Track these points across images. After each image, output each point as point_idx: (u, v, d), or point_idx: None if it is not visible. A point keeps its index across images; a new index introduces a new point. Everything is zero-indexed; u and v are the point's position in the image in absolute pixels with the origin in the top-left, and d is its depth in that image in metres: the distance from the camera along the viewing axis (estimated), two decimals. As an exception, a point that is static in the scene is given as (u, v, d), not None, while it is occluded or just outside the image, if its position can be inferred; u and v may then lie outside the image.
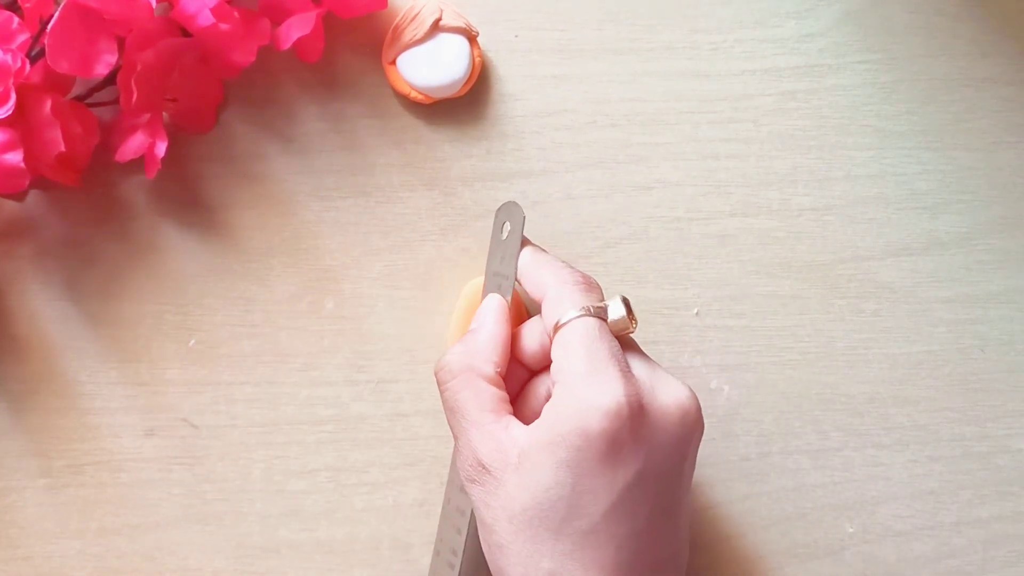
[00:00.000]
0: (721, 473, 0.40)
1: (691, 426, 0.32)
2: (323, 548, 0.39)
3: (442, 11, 0.40)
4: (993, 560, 0.40)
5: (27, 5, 0.36)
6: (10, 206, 0.40)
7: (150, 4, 0.36)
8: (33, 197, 0.40)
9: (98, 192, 0.40)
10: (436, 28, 0.40)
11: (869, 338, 0.41)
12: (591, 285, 0.34)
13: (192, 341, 0.40)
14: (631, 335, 0.34)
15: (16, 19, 0.36)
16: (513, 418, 0.32)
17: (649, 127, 0.42)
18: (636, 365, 0.33)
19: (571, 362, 0.32)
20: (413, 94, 0.40)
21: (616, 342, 0.32)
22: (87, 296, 0.40)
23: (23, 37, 0.36)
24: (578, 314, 0.32)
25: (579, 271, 0.35)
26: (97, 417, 0.39)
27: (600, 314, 0.33)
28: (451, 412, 0.33)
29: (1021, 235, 0.42)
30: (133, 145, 0.38)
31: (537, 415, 0.32)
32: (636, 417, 0.31)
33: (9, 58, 0.35)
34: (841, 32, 0.43)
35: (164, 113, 0.39)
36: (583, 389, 0.31)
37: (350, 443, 0.40)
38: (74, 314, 0.40)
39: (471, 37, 0.41)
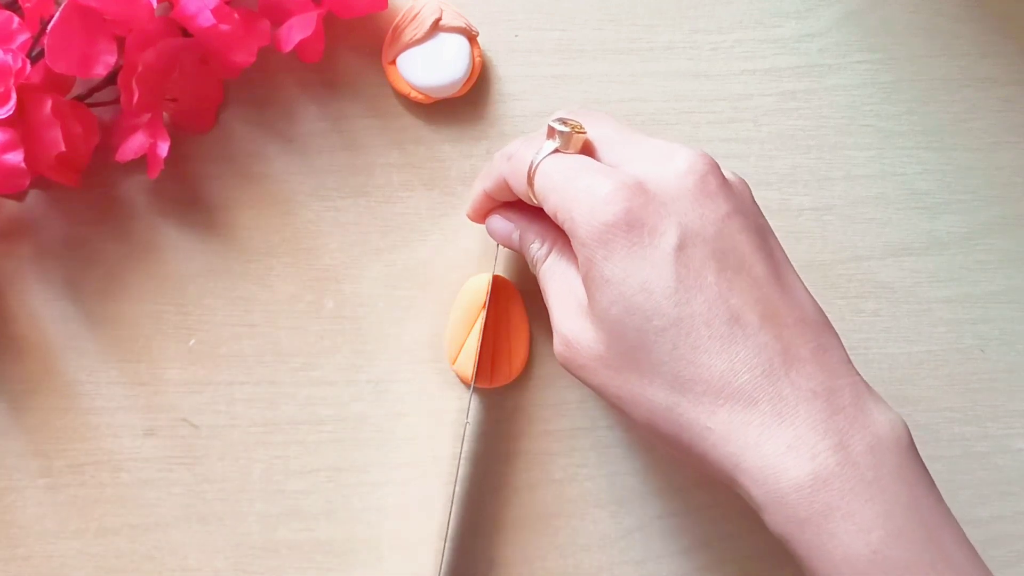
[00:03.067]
0: (721, 473, 0.40)
1: (704, 174, 0.30)
2: (323, 548, 0.39)
3: (442, 11, 0.40)
4: (993, 560, 0.40)
5: (27, 5, 0.36)
6: (10, 206, 0.40)
7: (150, 4, 0.36)
8: (33, 197, 0.40)
9: (98, 192, 0.40)
10: (436, 28, 0.40)
11: (869, 338, 0.41)
12: (524, 141, 0.34)
13: (192, 341, 0.40)
14: (588, 136, 0.33)
15: (16, 19, 0.36)
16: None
17: (649, 127, 0.42)
18: (623, 158, 0.32)
19: (555, 202, 0.31)
20: (413, 94, 0.40)
21: (580, 157, 0.32)
22: (87, 296, 0.40)
23: (23, 37, 0.36)
24: (534, 168, 0.32)
25: (508, 146, 0.35)
26: (97, 417, 0.39)
27: (548, 153, 0.32)
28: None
29: (1021, 235, 0.42)
30: (133, 145, 0.38)
31: None
32: (636, 192, 0.30)
33: (9, 58, 0.35)
34: (841, 32, 0.43)
35: (164, 113, 0.39)
36: (576, 211, 0.30)
37: (350, 443, 0.40)
38: (74, 314, 0.40)
39: (471, 37, 0.41)
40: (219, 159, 0.41)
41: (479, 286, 0.40)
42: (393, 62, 0.40)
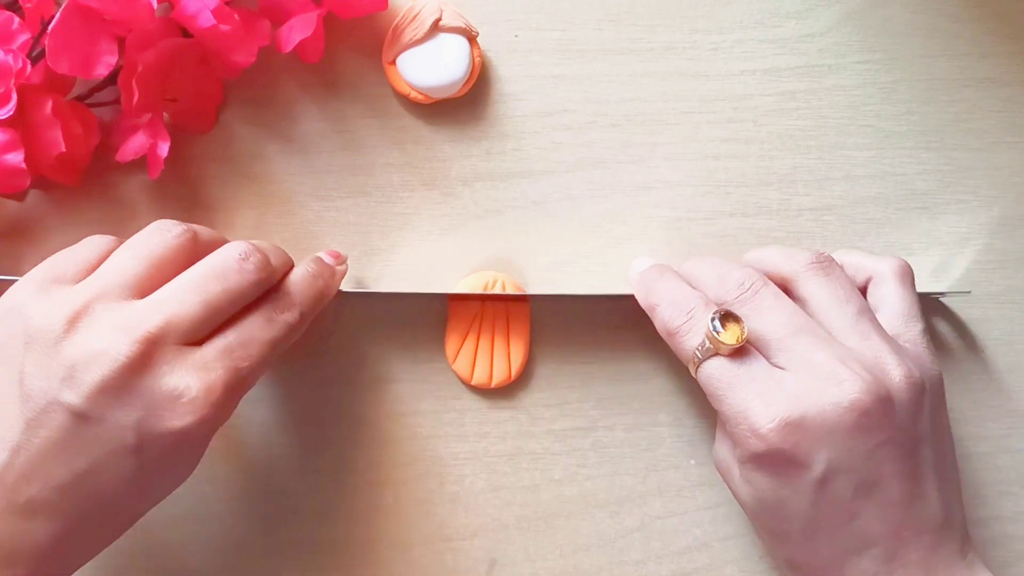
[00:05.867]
0: (721, 473, 0.40)
1: (866, 411, 0.31)
2: (323, 548, 0.39)
3: (442, 11, 0.40)
4: (993, 560, 0.40)
5: (28, 5, 0.36)
6: (10, 206, 0.40)
7: (151, 5, 0.36)
8: (33, 197, 0.40)
9: (98, 192, 0.40)
10: (436, 28, 0.40)
11: (869, 338, 0.41)
12: (682, 315, 0.35)
13: (192, 341, 0.40)
14: (746, 339, 0.33)
15: (17, 19, 0.36)
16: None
17: (649, 127, 0.42)
18: (789, 362, 0.33)
19: (718, 409, 0.33)
20: (413, 94, 0.40)
21: (740, 367, 0.33)
22: (87, 296, 0.40)
23: (24, 37, 0.36)
24: (696, 366, 0.34)
25: (662, 307, 0.36)
26: (97, 417, 0.39)
27: (708, 351, 0.33)
28: None
29: (1021, 235, 0.42)
30: (134, 145, 0.38)
31: None
32: (791, 430, 0.31)
33: (10, 59, 0.35)
34: (841, 32, 0.43)
35: (164, 113, 0.39)
36: (733, 430, 0.33)
37: (350, 443, 0.40)
38: (74, 314, 0.39)
39: (471, 37, 0.41)
40: (219, 159, 0.41)
41: (478, 286, 0.40)
42: (393, 62, 0.41)
